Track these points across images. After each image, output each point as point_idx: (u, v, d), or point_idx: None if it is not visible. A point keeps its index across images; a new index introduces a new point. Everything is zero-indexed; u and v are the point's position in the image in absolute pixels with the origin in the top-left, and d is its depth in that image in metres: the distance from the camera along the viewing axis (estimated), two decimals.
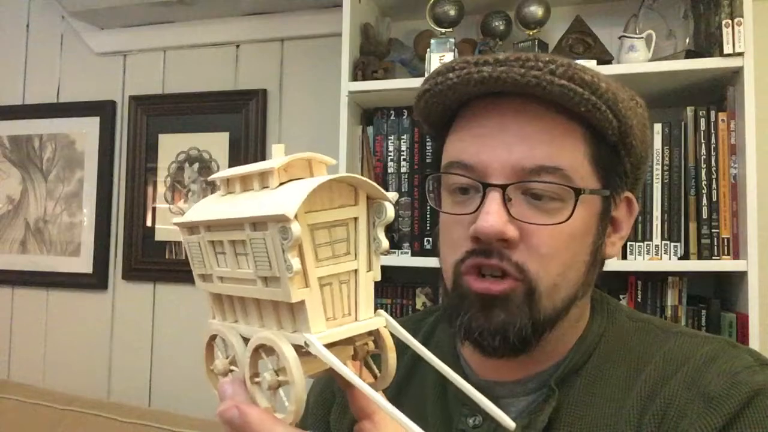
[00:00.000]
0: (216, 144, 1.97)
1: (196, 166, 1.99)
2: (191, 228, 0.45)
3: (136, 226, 2.02)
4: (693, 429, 0.54)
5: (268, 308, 0.41)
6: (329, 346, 0.40)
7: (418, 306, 1.56)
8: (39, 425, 1.79)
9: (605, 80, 0.58)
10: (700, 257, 1.34)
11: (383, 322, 0.43)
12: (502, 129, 0.58)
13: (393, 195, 0.43)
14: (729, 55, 1.29)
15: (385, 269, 0.56)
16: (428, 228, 1.52)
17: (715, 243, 1.33)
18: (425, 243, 1.52)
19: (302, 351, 0.39)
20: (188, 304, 1.97)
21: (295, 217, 0.37)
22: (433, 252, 1.49)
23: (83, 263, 2.08)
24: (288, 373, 0.38)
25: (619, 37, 1.45)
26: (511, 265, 0.57)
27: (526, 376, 0.63)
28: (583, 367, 0.62)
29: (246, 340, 0.43)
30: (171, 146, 2.01)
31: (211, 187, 1.97)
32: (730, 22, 1.28)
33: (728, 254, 1.33)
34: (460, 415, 0.63)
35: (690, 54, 1.38)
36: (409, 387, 0.68)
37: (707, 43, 1.37)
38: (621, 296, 1.40)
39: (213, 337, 0.46)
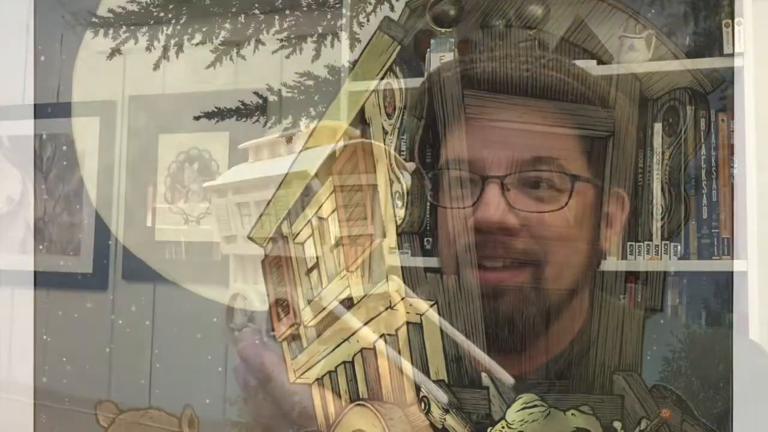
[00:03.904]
0: (216, 144, 1.97)
1: (196, 166, 1.99)
2: (219, 191, 0.47)
3: (136, 226, 2.02)
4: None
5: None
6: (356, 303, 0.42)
7: None
8: (39, 425, 1.79)
9: (594, 75, 0.62)
10: (700, 257, 1.34)
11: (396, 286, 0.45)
12: (498, 124, 0.60)
13: (411, 165, 0.44)
14: (729, 55, 1.29)
15: None
16: (428, 228, 1.52)
17: (715, 243, 1.33)
18: (425, 243, 1.52)
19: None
20: (188, 304, 1.96)
21: (316, 175, 0.38)
22: (433, 252, 1.49)
23: (83, 263, 2.07)
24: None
25: (619, 37, 1.45)
26: (517, 253, 0.58)
27: (523, 372, 0.64)
28: (581, 362, 0.63)
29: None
30: (171, 146, 2.01)
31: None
32: (730, 22, 1.28)
33: (728, 254, 1.32)
34: None
35: (690, 54, 1.38)
36: None
37: (707, 43, 1.37)
38: (621, 297, 1.40)
39: (234, 297, 0.48)
